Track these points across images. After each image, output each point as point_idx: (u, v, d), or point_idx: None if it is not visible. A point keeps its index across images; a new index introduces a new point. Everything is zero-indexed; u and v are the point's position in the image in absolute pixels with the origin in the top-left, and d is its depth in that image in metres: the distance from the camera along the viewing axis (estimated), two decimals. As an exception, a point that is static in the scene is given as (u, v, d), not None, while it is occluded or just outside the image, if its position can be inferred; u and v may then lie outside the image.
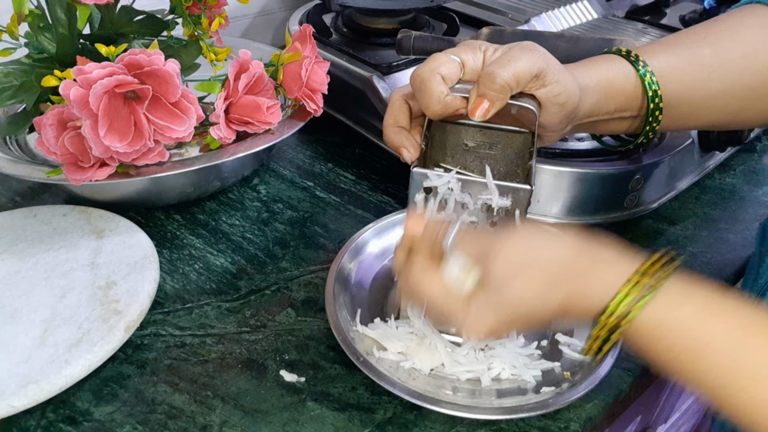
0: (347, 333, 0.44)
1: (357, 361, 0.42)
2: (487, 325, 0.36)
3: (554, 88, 0.39)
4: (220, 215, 0.60)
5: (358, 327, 0.45)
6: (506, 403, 0.40)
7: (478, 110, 0.38)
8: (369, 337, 0.45)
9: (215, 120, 0.53)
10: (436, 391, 0.41)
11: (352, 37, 0.73)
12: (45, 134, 0.48)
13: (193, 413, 0.42)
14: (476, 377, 0.43)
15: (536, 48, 0.39)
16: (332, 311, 0.45)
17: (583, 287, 0.34)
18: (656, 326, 0.32)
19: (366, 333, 0.45)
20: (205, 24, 0.57)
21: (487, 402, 0.41)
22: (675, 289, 0.32)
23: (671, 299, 0.32)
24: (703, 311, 0.32)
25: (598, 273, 0.34)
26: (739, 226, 0.59)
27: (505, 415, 0.40)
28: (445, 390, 0.41)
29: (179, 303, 0.50)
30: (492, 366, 0.43)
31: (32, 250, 0.51)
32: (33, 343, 0.43)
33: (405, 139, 0.40)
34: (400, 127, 0.41)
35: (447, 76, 0.39)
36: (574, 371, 0.43)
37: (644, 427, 0.73)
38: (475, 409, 0.40)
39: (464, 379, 0.42)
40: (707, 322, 0.31)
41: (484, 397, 0.41)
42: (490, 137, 0.42)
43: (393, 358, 0.43)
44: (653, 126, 0.45)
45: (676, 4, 0.88)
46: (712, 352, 0.31)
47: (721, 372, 0.31)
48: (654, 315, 0.32)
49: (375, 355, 0.43)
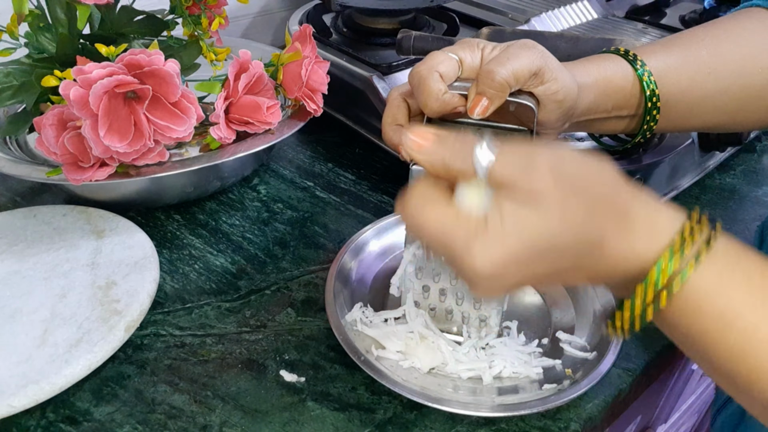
0: (347, 333, 0.44)
1: (357, 360, 0.42)
2: (509, 260, 0.28)
3: (552, 85, 0.39)
4: (220, 215, 0.60)
5: (358, 326, 0.45)
6: (507, 400, 0.40)
7: (477, 107, 0.38)
8: (369, 336, 0.45)
9: (215, 120, 0.53)
10: (437, 389, 0.41)
11: (352, 37, 0.73)
12: (45, 134, 0.48)
13: (193, 413, 0.42)
14: (477, 375, 0.43)
15: (535, 46, 0.39)
16: (333, 311, 0.45)
17: (624, 232, 0.29)
18: (701, 299, 0.28)
19: (365, 332, 0.45)
20: (205, 24, 0.57)
21: (488, 400, 0.41)
22: (723, 256, 0.29)
23: (720, 269, 0.29)
24: (757, 286, 0.28)
25: (640, 220, 0.30)
26: (739, 226, 0.59)
27: (506, 412, 0.40)
28: (446, 388, 0.41)
29: (179, 303, 0.50)
30: (493, 364, 0.43)
31: (32, 250, 0.51)
32: (33, 343, 0.43)
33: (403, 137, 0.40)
34: (398, 125, 0.41)
35: (445, 74, 0.39)
36: (575, 368, 0.43)
37: (644, 427, 0.73)
38: (475, 406, 0.40)
39: (465, 377, 0.42)
40: (761, 297, 0.28)
41: (486, 395, 0.41)
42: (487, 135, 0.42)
43: (392, 357, 0.43)
44: (650, 125, 0.45)
45: (676, 4, 0.88)
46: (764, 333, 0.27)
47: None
48: (700, 286, 0.28)
49: (374, 354, 0.43)
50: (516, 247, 0.28)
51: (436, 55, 0.39)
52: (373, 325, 0.45)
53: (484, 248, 0.28)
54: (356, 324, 0.45)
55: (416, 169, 0.39)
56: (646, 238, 0.29)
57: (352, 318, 0.46)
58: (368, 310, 0.47)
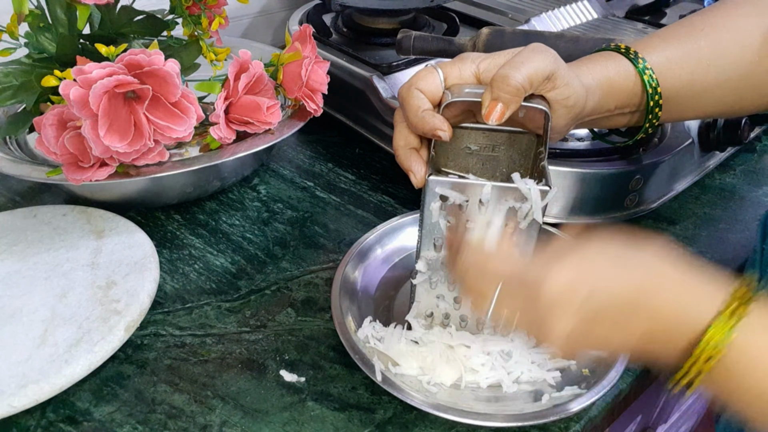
0: (362, 350, 0.43)
1: (381, 382, 0.41)
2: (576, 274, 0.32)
3: (564, 90, 0.38)
4: (220, 215, 0.60)
5: (371, 342, 0.44)
6: (527, 408, 0.40)
7: (494, 113, 0.37)
8: (382, 352, 0.44)
9: (215, 120, 0.53)
10: (455, 401, 0.40)
11: (352, 37, 0.73)
12: (45, 134, 0.48)
13: (193, 413, 0.42)
14: (497, 383, 0.42)
15: (546, 49, 0.39)
16: (339, 318, 0.45)
17: (675, 305, 0.31)
18: (747, 357, 0.29)
19: (378, 348, 0.44)
20: (205, 24, 0.57)
21: (515, 408, 0.40)
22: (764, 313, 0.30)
23: (762, 326, 0.30)
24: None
25: (691, 290, 0.32)
26: (739, 226, 0.59)
27: (534, 420, 0.39)
28: (466, 399, 0.41)
29: (179, 303, 0.50)
30: (511, 370, 0.43)
31: (32, 250, 0.51)
32: (33, 343, 0.43)
33: (414, 163, 0.39)
34: (411, 148, 0.40)
35: (426, 90, 0.39)
36: (592, 367, 0.43)
37: (644, 427, 0.73)
38: (504, 417, 0.39)
39: (485, 386, 0.42)
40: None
41: (508, 402, 0.41)
42: (493, 140, 0.42)
43: (412, 373, 0.42)
44: (653, 122, 0.45)
45: (676, 4, 0.88)
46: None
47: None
48: (747, 343, 0.29)
49: (392, 371, 0.42)
50: (582, 263, 0.33)
51: (419, 72, 0.40)
52: (386, 341, 0.44)
53: (560, 265, 0.33)
54: (368, 340, 0.44)
55: (433, 180, 0.38)
56: (698, 308, 0.31)
57: (363, 334, 0.44)
58: (377, 325, 0.45)
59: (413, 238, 0.51)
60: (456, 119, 0.41)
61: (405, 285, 0.51)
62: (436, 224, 0.40)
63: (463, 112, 0.41)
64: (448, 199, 0.39)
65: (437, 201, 0.39)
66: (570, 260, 0.33)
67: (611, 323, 0.32)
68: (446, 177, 0.39)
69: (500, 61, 0.39)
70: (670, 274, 0.32)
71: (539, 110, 0.39)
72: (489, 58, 0.40)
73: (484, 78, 0.39)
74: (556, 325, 0.32)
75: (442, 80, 0.39)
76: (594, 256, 0.33)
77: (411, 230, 0.53)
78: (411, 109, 0.38)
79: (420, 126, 0.38)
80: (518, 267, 0.35)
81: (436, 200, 0.39)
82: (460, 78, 0.40)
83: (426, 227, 0.40)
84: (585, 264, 0.33)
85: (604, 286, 0.32)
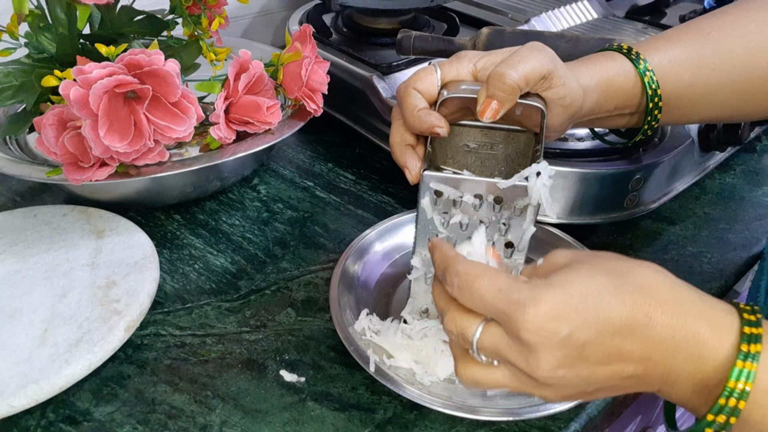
0: (357, 342, 0.43)
1: (374, 373, 0.41)
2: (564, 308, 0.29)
3: (560, 90, 0.39)
4: (220, 215, 0.60)
5: (367, 335, 0.44)
6: (523, 403, 0.40)
7: (488, 111, 0.37)
8: (378, 345, 0.44)
9: (215, 120, 0.53)
10: (448, 395, 0.41)
11: (352, 37, 0.73)
12: (45, 134, 0.48)
13: (193, 413, 0.42)
14: None
15: (544, 48, 0.39)
16: (336, 312, 0.45)
17: (676, 330, 0.29)
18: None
19: (374, 340, 0.44)
20: (205, 24, 0.57)
21: (504, 403, 0.40)
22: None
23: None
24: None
25: (702, 335, 0.29)
26: (739, 226, 0.59)
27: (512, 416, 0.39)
28: (461, 393, 0.41)
29: (179, 303, 0.50)
30: None
31: (32, 250, 0.51)
32: (33, 343, 0.43)
33: (409, 159, 0.40)
34: (407, 145, 0.41)
35: (422, 90, 0.39)
36: None
37: (644, 427, 0.73)
38: (494, 411, 0.39)
39: None
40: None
41: (504, 396, 0.41)
42: (491, 137, 0.42)
43: (406, 366, 0.43)
44: (652, 124, 0.45)
45: (676, 4, 0.88)
46: None
47: None
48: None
49: (386, 364, 0.42)
50: (567, 296, 0.29)
51: (417, 72, 0.40)
52: (382, 335, 0.44)
53: (548, 293, 0.29)
54: (365, 333, 0.45)
55: (428, 175, 0.38)
56: (713, 350, 0.29)
57: (360, 327, 0.45)
58: (374, 318, 0.46)
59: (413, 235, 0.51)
60: (454, 116, 0.41)
61: (404, 282, 0.51)
62: (431, 220, 0.40)
63: (460, 110, 0.41)
64: (443, 194, 0.39)
65: (432, 196, 0.39)
66: (552, 294, 0.30)
67: (602, 352, 0.30)
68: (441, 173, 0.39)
69: (497, 59, 0.39)
70: (665, 295, 0.30)
71: (535, 108, 0.39)
72: (486, 57, 0.40)
73: (482, 76, 0.39)
74: (541, 362, 0.29)
75: (439, 79, 0.40)
76: (579, 286, 0.30)
77: (411, 228, 0.54)
78: (408, 107, 0.39)
79: (417, 124, 0.39)
80: (495, 306, 0.31)
81: (430, 195, 0.39)
82: (457, 76, 0.40)
83: (421, 223, 0.41)
84: (566, 298, 0.30)
85: (589, 317, 0.29)
